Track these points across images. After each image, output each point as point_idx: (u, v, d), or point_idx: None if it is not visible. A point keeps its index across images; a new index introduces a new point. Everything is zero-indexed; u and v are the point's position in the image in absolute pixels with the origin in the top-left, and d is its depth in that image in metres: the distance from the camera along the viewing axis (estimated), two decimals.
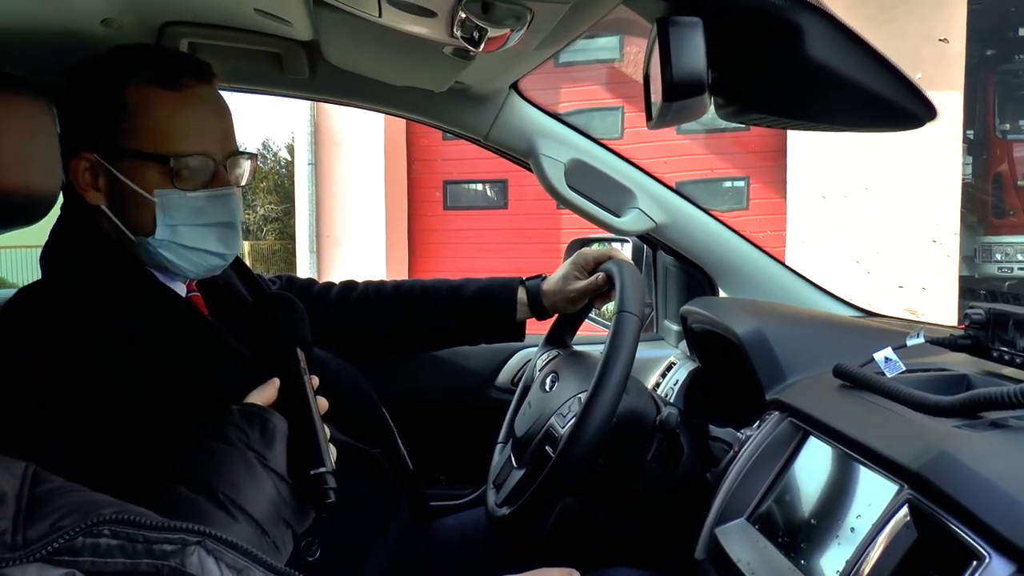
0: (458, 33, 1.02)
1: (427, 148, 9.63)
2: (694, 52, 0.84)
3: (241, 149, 1.35)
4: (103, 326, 1.22)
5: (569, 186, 1.79)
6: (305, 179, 9.67)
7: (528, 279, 1.72)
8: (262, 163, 18.41)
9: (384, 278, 1.79)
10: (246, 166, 1.36)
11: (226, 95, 1.42)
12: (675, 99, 0.85)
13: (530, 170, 1.82)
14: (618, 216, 1.81)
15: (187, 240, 1.29)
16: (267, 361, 1.17)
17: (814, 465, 1.11)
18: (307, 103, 9.36)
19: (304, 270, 9.64)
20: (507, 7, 0.91)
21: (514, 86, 1.76)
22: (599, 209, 1.80)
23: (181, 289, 1.37)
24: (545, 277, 1.71)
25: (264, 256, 14.99)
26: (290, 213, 11.36)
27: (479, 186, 9.91)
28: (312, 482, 1.05)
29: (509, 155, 1.86)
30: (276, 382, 1.13)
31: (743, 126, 8.03)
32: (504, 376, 2.01)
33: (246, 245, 15.18)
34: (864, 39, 0.90)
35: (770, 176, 7.77)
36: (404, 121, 7.26)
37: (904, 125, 0.98)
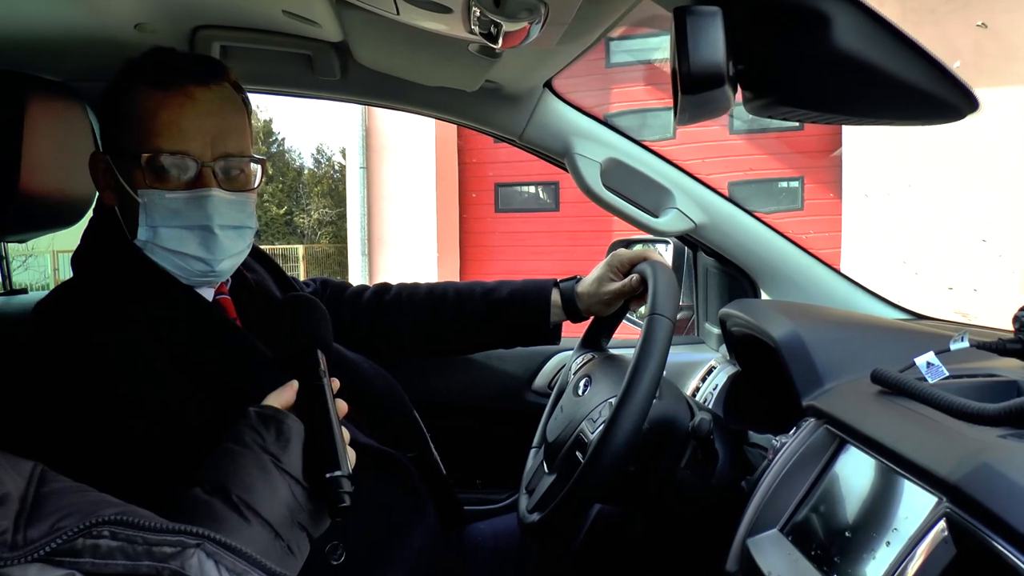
0: (475, 29, 1.00)
1: (478, 151, 9.65)
2: (712, 43, 0.80)
3: (251, 154, 1.33)
4: (126, 329, 1.23)
5: (605, 186, 1.75)
6: (357, 183, 9.76)
7: (562, 281, 1.69)
8: (316, 168, 18.73)
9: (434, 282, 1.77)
10: (250, 170, 1.32)
11: (272, 99, 1.42)
12: (693, 92, 0.82)
13: (566, 170, 1.79)
14: (656, 216, 1.77)
15: (167, 243, 1.27)
16: (287, 363, 1.15)
17: (850, 474, 1.06)
18: (358, 108, 9.45)
19: (356, 273, 9.73)
20: (518, 0, 0.88)
21: (548, 85, 1.73)
22: (636, 209, 1.76)
23: (208, 293, 1.36)
24: (580, 279, 1.67)
25: (318, 259, 15.20)
26: (344, 217, 11.48)
27: (530, 188, 9.90)
28: (327, 485, 1.03)
29: (545, 155, 1.83)
30: (294, 384, 1.12)
31: (797, 125, 7.92)
32: (541, 380, 1.98)
33: (300, 248, 15.47)
34: (897, 27, 0.85)
35: (825, 176, 7.62)
36: (455, 125, 7.28)
37: (943, 117, 0.92)
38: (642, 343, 1.27)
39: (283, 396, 1.11)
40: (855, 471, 1.05)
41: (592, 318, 1.69)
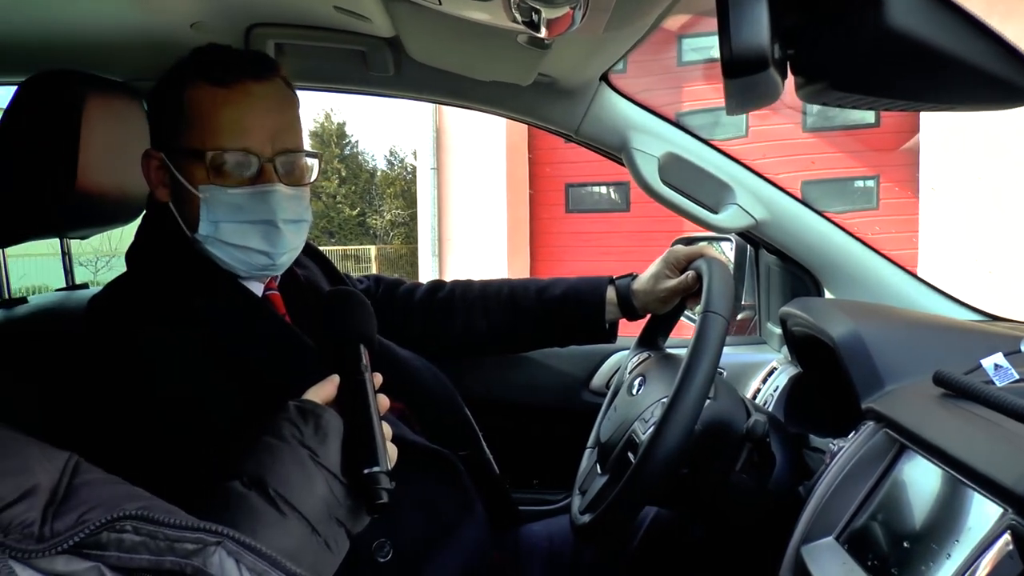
0: (517, 16, 0.97)
1: (548, 151, 9.63)
2: (755, 24, 0.75)
3: (305, 148, 1.34)
4: (177, 324, 1.24)
5: (663, 181, 1.71)
6: (427, 184, 9.82)
7: (618, 278, 1.65)
8: (389, 169, 18.93)
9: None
10: (306, 165, 1.34)
11: (345, 102, 1.43)
12: (735, 76, 0.77)
13: (623, 165, 1.75)
14: (715, 212, 1.71)
15: (230, 237, 1.28)
16: (329, 358, 1.15)
17: (910, 482, 1.00)
18: (429, 109, 9.52)
19: (427, 274, 9.80)
20: None
21: (604, 78, 1.69)
22: (695, 205, 1.71)
23: (258, 288, 1.37)
24: (636, 276, 1.64)
25: (390, 260, 15.36)
26: (416, 218, 11.58)
27: (601, 189, 9.84)
28: (364, 481, 1.01)
29: (601, 150, 1.79)
30: (335, 379, 1.11)
31: (872, 121, 7.72)
32: (599, 379, 1.95)
33: (373, 249, 15.68)
34: (959, 5, 0.80)
35: (902, 174, 7.38)
36: (526, 125, 7.26)
37: (1014, 101, 0.86)
38: (695, 342, 1.23)
39: (323, 390, 1.10)
40: (915, 478, 1.00)
41: (649, 316, 1.65)
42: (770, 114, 7.90)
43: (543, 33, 1.00)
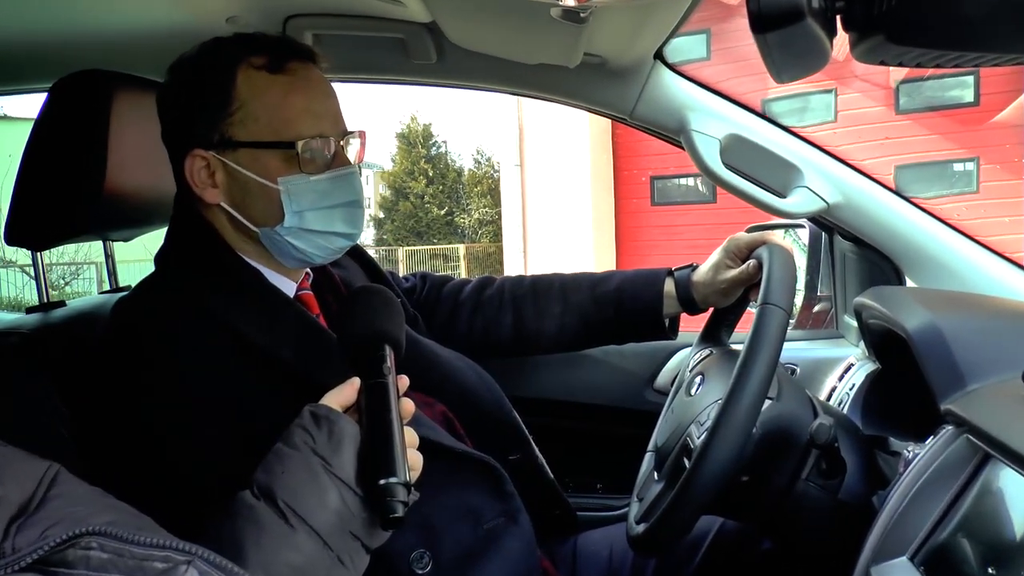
0: None
1: (632, 143, 9.51)
2: None
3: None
4: (205, 325, 1.20)
5: (726, 164, 1.59)
6: (512, 181, 9.81)
7: (677, 269, 1.55)
8: (476, 168, 19.04)
9: None
10: (357, 144, 1.32)
11: (431, 103, 1.40)
12: (765, 30, 0.67)
13: (683, 148, 1.64)
14: (783, 197, 1.59)
15: (314, 224, 1.26)
16: (352, 359, 1.08)
17: (996, 495, 0.87)
18: (512, 106, 9.50)
19: (515, 270, 9.78)
20: None
21: (659, 56, 1.58)
22: (760, 190, 1.59)
23: (290, 288, 1.32)
24: (696, 267, 1.53)
25: (478, 259, 15.45)
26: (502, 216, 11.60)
27: (687, 180, 9.67)
28: (378, 493, 0.94)
29: (658, 133, 1.68)
30: (355, 382, 1.04)
31: (971, 100, 7.33)
32: (663, 378, 1.85)
33: (461, 248, 15.81)
34: None
35: (1006, 155, 6.98)
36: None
37: None
38: (751, 337, 1.13)
39: (342, 395, 1.04)
40: (1003, 491, 0.87)
41: (712, 309, 1.55)
42: (860, 96, 7.60)
43: (573, 2, 0.92)
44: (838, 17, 0.77)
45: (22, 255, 12.23)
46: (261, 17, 1.51)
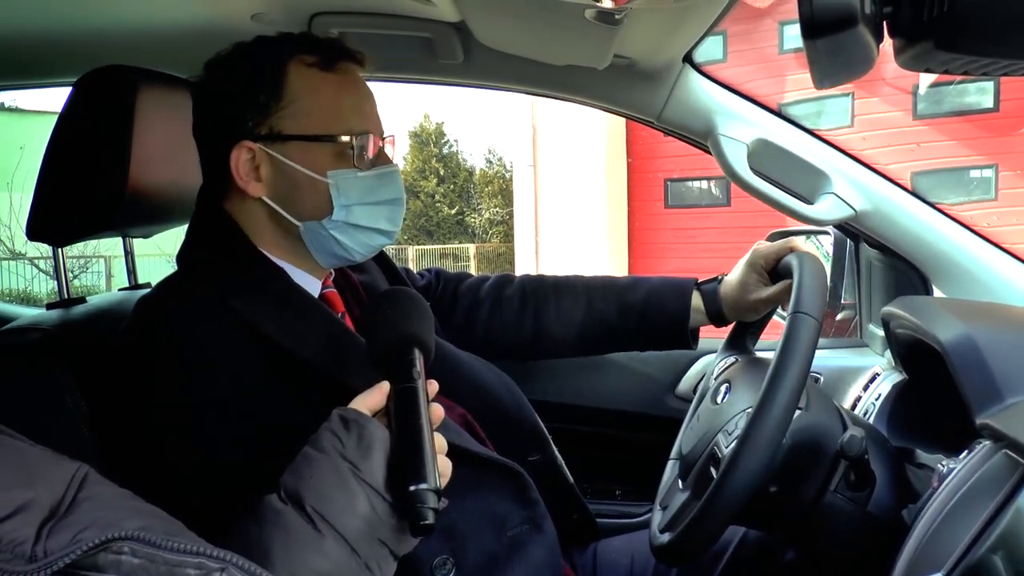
0: None
1: (647, 146, 9.47)
2: None
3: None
4: (228, 324, 1.19)
5: (753, 169, 1.57)
6: (524, 181, 9.79)
7: (703, 282, 1.53)
8: (488, 168, 19.03)
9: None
10: (391, 146, 1.34)
11: (444, 102, 1.40)
12: (817, 36, 0.66)
13: (709, 152, 1.62)
14: (810, 203, 1.57)
15: (360, 219, 1.27)
16: (380, 363, 1.07)
17: None
18: (527, 106, 9.48)
19: (526, 271, 9.75)
20: None
21: (688, 59, 1.56)
22: (787, 196, 1.57)
23: (315, 286, 1.31)
24: (722, 279, 1.51)
25: (489, 259, 15.44)
26: (514, 216, 11.58)
27: (701, 183, 9.64)
28: (409, 499, 0.93)
29: (685, 137, 1.67)
30: (384, 386, 1.03)
31: (990, 106, 7.26)
32: (685, 384, 1.83)
33: (472, 248, 15.81)
34: None
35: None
36: (624, 120, 7.09)
37: None
38: (782, 346, 1.11)
39: (371, 399, 1.02)
40: None
41: None
42: (877, 100, 7.54)
43: (609, 4, 0.91)
44: (884, 23, 0.76)
45: (31, 247, 12.34)
46: (286, 14, 1.50)
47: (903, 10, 0.73)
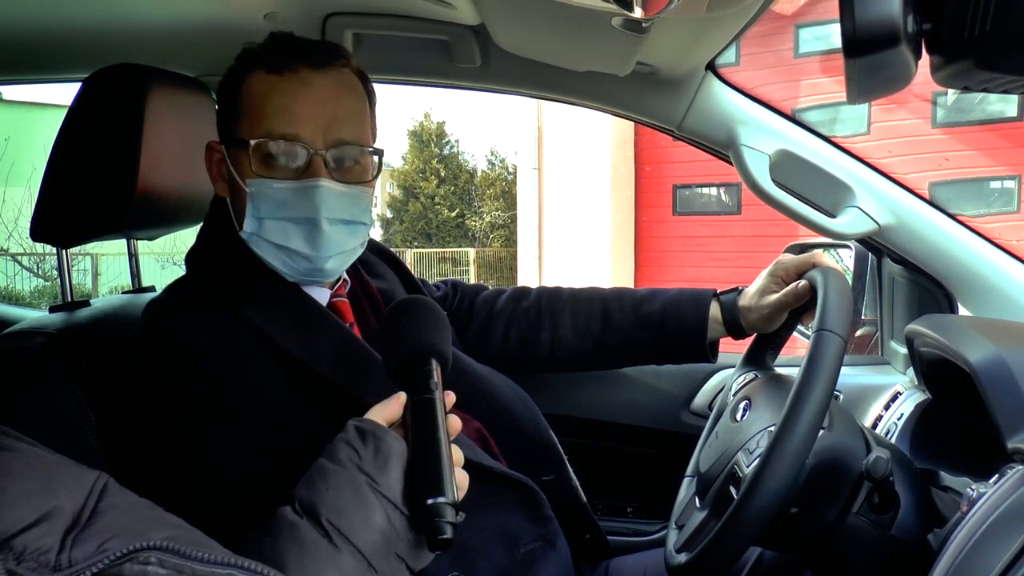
0: None
1: (654, 150, 9.43)
2: None
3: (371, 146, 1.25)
4: (236, 331, 1.18)
5: (775, 181, 1.55)
6: (528, 185, 9.76)
7: (722, 293, 1.50)
8: (489, 170, 18.94)
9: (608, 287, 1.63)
10: (367, 161, 1.23)
11: (446, 101, 1.35)
12: (859, 55, 0.64)
13: (730, 163, 1.60)
14: (833, 216, 1.55)
15: (272, 236, 1.20)
16: (397, 374, 1.04)
17: None
18: (532, 107, 9.46)
19: (527, 278, 9.73)
20: None
21: (711, 67, 1.54)
22: (810, 208, 1.55)
23: (323, 295, 1.29)
24: (742, 290, 1.49)
25: (489, 263, 15.35)
26: (516, 220, 11.56)
27: (711, 190, 9.59)
28: (427, 513, 0.91)
29: (706, 147, 1.64)
30: (401, 397, 1.02)
31: (1014, 115, 7.16)
32: (700, 400, 1.80)
33: (471, 252, 15.71)
34: None
35: None
36: (632, 123, 7.04)
37: None
38: (807, 364, 1.09)
39: (388, 410, 1.01)
40: None
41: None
42: (895, 108, 7.46)
43: (639, 13, 0.90)
44: (923, 40, 0.74)
45: (13, 242, 12.10)
46: (300, 14, 1.48)
47: (944, 28, 0.71)
